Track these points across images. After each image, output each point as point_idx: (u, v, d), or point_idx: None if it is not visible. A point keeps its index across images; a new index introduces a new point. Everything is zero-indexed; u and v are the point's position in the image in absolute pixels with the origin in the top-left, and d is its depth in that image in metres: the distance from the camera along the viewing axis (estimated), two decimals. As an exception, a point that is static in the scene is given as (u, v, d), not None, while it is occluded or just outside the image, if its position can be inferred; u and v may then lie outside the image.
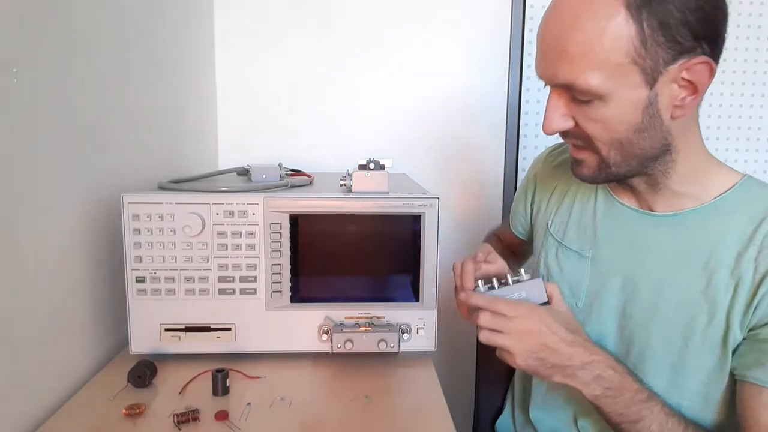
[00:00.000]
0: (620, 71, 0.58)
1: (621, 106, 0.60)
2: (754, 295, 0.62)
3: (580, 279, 0.76)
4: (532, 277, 0.71)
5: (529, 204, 0.90)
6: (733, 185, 0.66)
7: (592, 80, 0.59)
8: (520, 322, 0.65)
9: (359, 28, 1.35)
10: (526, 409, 0.86)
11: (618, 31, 0.57)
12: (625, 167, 0.65)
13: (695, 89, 0.59)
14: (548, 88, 0.65)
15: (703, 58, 0.58)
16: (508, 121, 1.40)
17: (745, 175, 0.68)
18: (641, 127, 0.61)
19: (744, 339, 0.63)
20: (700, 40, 0.57)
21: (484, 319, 0.66)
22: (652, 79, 0.59)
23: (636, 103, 0.60)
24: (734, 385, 0.65)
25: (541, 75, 0.64)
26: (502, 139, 1.41)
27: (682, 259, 0.67)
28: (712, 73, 0.58)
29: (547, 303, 0.70)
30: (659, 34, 0.56)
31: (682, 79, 0.59)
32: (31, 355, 0.67)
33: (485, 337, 0.66)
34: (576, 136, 0.66)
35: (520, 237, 0.96)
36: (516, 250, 1.02)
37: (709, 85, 0.59)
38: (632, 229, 0.72)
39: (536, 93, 1.39)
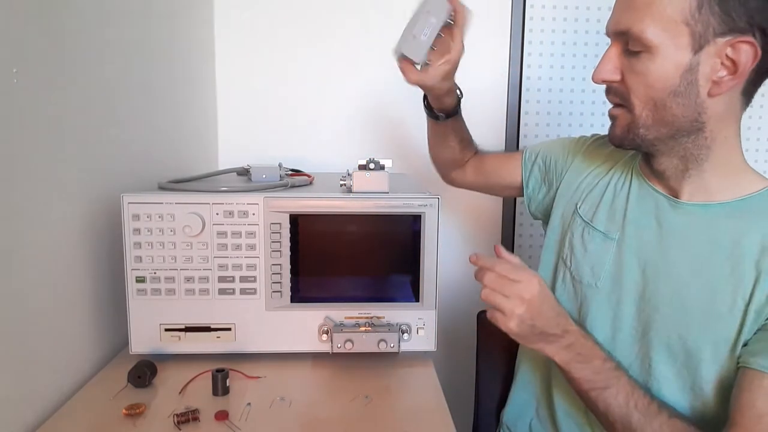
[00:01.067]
0: (672, 28, 0.62)
1: (665, 63, 0.64)
2: None
3: (602, 260, 0.77)
4: None
5: (559, 178, 0.89)
6: (763, 188, 0.68)
7: (647, 29, 0.63)
8: (523, 287, 0.68)
9: (359, 28, 1.35)
10: (545, 396, 0.87)
11: None
12: (654, 132, 0.68)
13: (735, 70, 0.62)
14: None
15: (751, 39, 0.60)
16: (508, 121, 1.40)
17: None
18: (677, 90, 0.64)
19: (758, 330, 0.64)
20: (755, 26, 0.60)
21: (489, 278, 0.69)
22: (698, 45, 0.62)
23: (678, 64, 0.63)
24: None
25: (608, 26, 0.68)
26: (502, 139, 1.41)
27: (707, 248, 0.68)
28: (755, 57, 0.61)
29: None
30: (715, 3, 0.60)
31: (726, 56, 0.62)
32: (31, 355, 0.67)
33: (486, 295, 0.69)
34: (617, 93, 0.69)
35: (520, 181, 0.95)
36: (485, 174, 1.02)
37: (749, 69, 0.62)
38: (660, 214, 0.73)
39: (536, 93, 1.39)
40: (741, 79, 0.62)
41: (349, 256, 0.83)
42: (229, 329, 0.81)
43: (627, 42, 0.66)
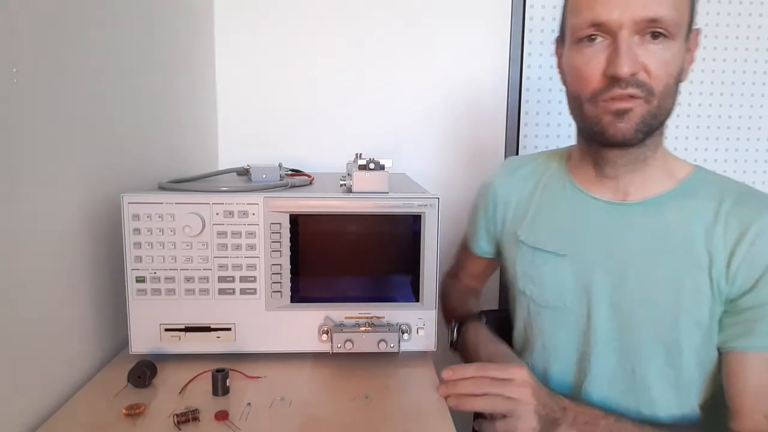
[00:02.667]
0: (684, 14, 0.65)
1: (676, 50, 0.65)
2: (728, 267, 0.65)
3: (562, 279, 0.76)
4: None
5: (491, 221, 0.91)
6: (691, 171, 0.72)
7: (676, 14, 0.64)
8: (519, 386, 0.65)
9: (360, 28, 1.35)
10: None
11: None
12: (657, 123, 0.68)
13: (692, 58, 0.67)
14: (591, 46, 0.67)
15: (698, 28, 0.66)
16: (508, 121, 1.40)
17: (694, 163, 0.74)
18: (677, 78, 0.67)
19: (725, 312, 0.66)
20: (694, 15, 0.66)
21: (481, 385, 0.66)
22: (687, 31, 0.66)
23: (681, 50, 0.66)
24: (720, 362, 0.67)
25: (619, 15, 0.63)
26: (502, 138, 1.41)
27: (660, 242, 0.69)
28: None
29: None
30: None
31: (691, 42, 0.67)
32: (30, 355, 0.67)
33: (492, 404, 0.65)
34: (635, 84, 0.65)
35: (486, 256, 0.96)
36: (481, 279, 1.03)
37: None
38: (607, 220, 0.73)
39: (536, 93, 1.39)
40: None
41: (349, 256, 0.83)
42: (229, 329, 0.81)
43: (644, 29, 0.63)
